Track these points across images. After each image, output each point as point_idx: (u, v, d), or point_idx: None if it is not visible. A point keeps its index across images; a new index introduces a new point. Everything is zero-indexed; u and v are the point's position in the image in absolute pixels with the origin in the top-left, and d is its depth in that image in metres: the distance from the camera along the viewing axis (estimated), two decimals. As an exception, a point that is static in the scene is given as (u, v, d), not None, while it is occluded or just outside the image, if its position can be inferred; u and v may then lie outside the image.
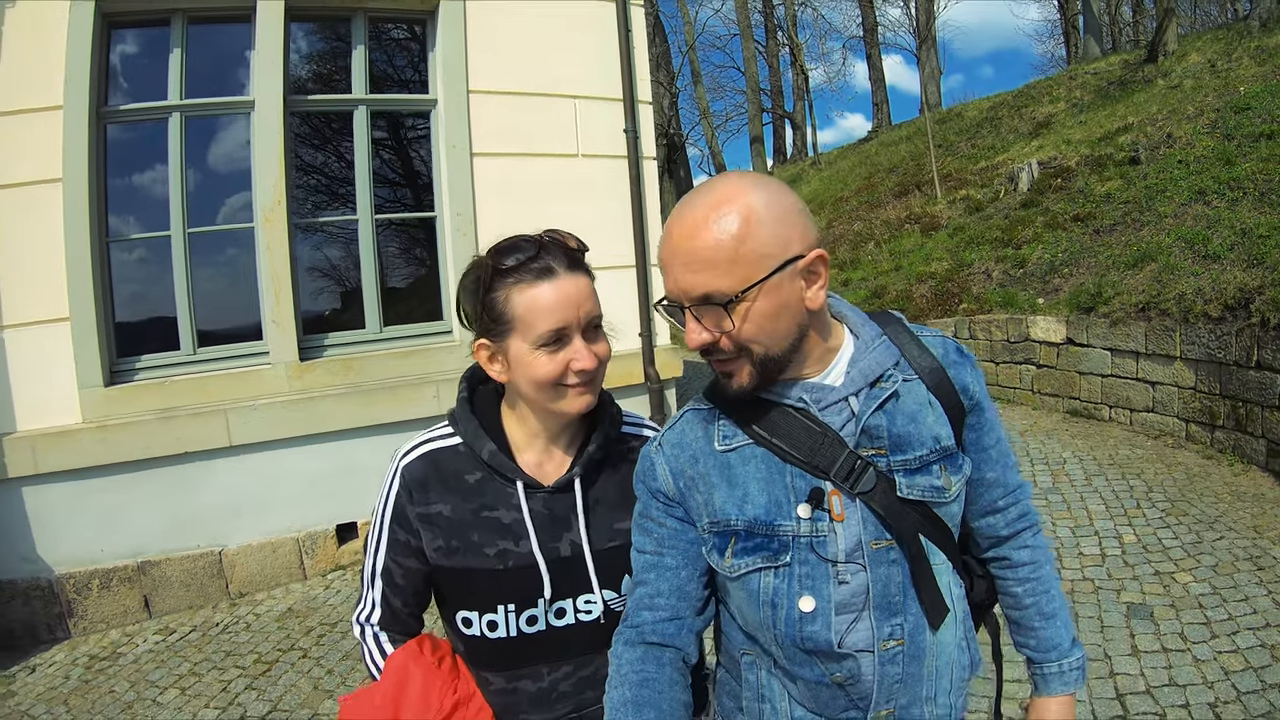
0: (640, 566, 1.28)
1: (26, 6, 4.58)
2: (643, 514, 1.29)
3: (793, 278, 1.10)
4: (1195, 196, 7.41)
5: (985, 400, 1.30)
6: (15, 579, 4.55)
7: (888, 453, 1.18)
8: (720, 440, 1.23)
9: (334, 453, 5.05)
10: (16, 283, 4.57)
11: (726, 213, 1.07)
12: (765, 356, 1.12)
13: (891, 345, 1.23)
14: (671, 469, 1.25)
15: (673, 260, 1.10)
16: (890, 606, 1.17)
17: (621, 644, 1.24)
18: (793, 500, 1.17)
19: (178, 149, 4.99)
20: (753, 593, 1.20)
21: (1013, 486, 1.35)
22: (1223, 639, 3.34)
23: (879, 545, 1.17)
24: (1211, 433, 5.70)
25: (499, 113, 5.45)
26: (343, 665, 3.97)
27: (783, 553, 1.17)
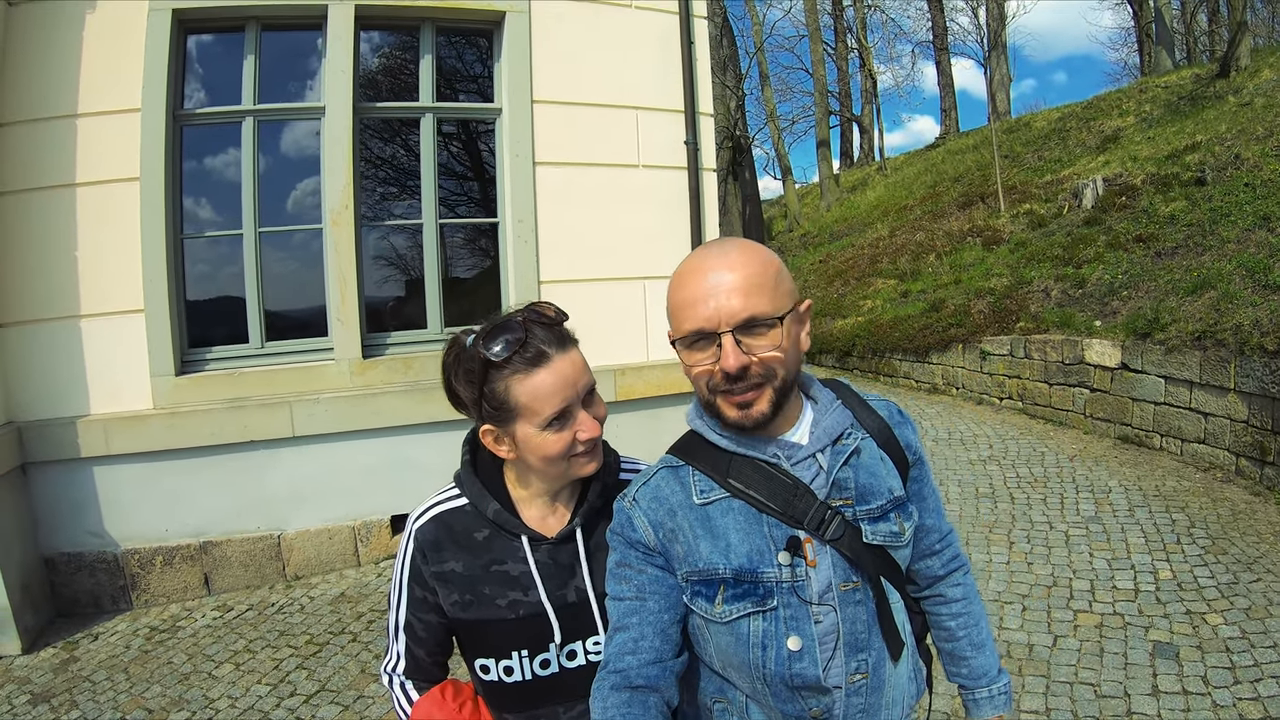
0: (621, 613, 1.32)
1: (105, 11, 4.84)
2: (621, 563, 1.34)
3: (798, 319, 1.25)
4: (1259, 222, 7.29)
5: (924, 454, 1.45)
6: (83, 551, 4.85)
7: (854, 503, 1.29)
8: (698, 494, 1.31)
9: (391, 447, 5.26)
10: (94, 275, 4.86)
11: (758, 253, 1.22)
12: (784, 384, 1.22)
13: (844, 408, 1.36)
14: (651, 521, 1.31)
15: (711, 291, 1.19)
16: (857, 643, 1.27)
17: (608, 689, 1.28)
18: (772, 548, 1.25)
19: (250, 151, 5.23)
20: (742, 636, 1.27)
21: (945, 531, 1.51)
22: (1245, 685, 3.35)
23: (847, 587, 1.27)
24: (1261, 469, 5.64)
25: (561, 122, 5.60)
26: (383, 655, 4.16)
27: (769, 598, 1.25)
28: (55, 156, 4.80)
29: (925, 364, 9.80)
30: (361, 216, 5.37)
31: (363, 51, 5.48)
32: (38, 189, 4.79)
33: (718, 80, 19.63)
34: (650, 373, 5.84)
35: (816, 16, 25.04)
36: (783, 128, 28.06)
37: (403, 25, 5.56)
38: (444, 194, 5.74)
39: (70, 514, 4.83)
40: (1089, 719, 3.21)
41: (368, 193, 5.55)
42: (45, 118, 4.79)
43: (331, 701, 3.76)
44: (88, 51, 4.84)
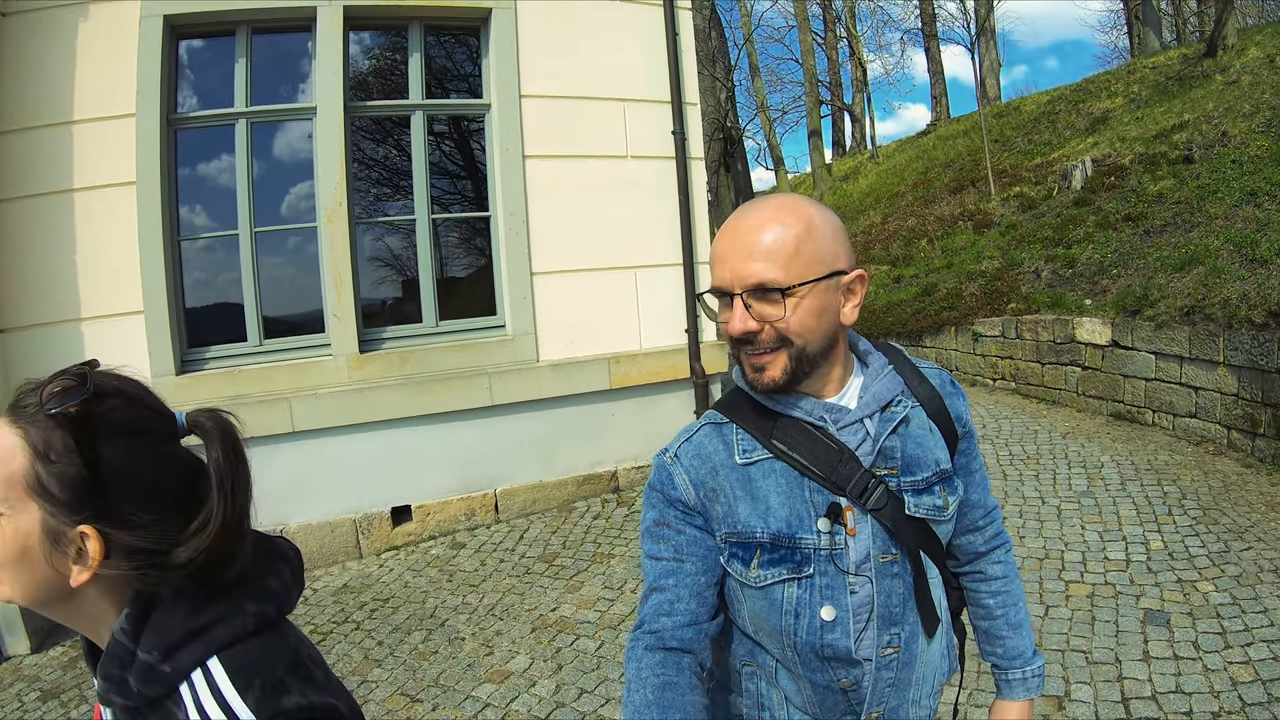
0: (658, 573, 1.31)
1: (97, 19, 4.91)
2: (659, 522, 1.33)
3: (835, 289, 1.21)
4: (1246, 198, 7.34)
5: (973, 428, 1.42)
6: None
7: (899, 473, 1.27)
8: (740, 454, 1.29)
9: (390, 440, 5.33)
10: (94, 278, 4.94)
11: (792, 217, 1.18)
12: (801, 352, 1.20)
13: (897, 374, 1.33)
14: (692, 479, 1.30)
15: (733, 250, 1.19)
16: (891, 616, 1.26)
17: (642, 649, 1.27)
18: (813, 514, 1.24)
19: (244, 152, 5.30)
20: (775, 602, 1.26)
21: (990, 507, 1.49)
22: (1236, 649, 3.41)
23: (885, 559, 1.25)
24: (1253, 440, 5.69)
25: (550, 116, 5.66)
26: (392, 637, 4.22)
27: (805, 565, 1.24)
28: (52, 163, 4.87)
29: (919, 347, 9.84)
30: (355, 214, 5.43)
31: (352, 52, 5.54)
32: (36, 195, 4.87)
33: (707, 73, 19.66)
34: (644, 360, 5.90)
35: (805, 6, 25.02)
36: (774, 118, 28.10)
37: (391, 25, 5.62)
38: (436, 190, 5.80)
39: None
40: (1080, 684, 3.27)
41: (361, 191, 5.60)
42: (41, 125, 4.87)
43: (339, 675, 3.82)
44: (81, 59, 4.91)
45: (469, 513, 5.56)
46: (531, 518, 5.68)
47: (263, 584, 0.98)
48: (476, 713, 3.47)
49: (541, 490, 5.75)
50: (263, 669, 0.90)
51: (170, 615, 0.89)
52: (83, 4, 4.90)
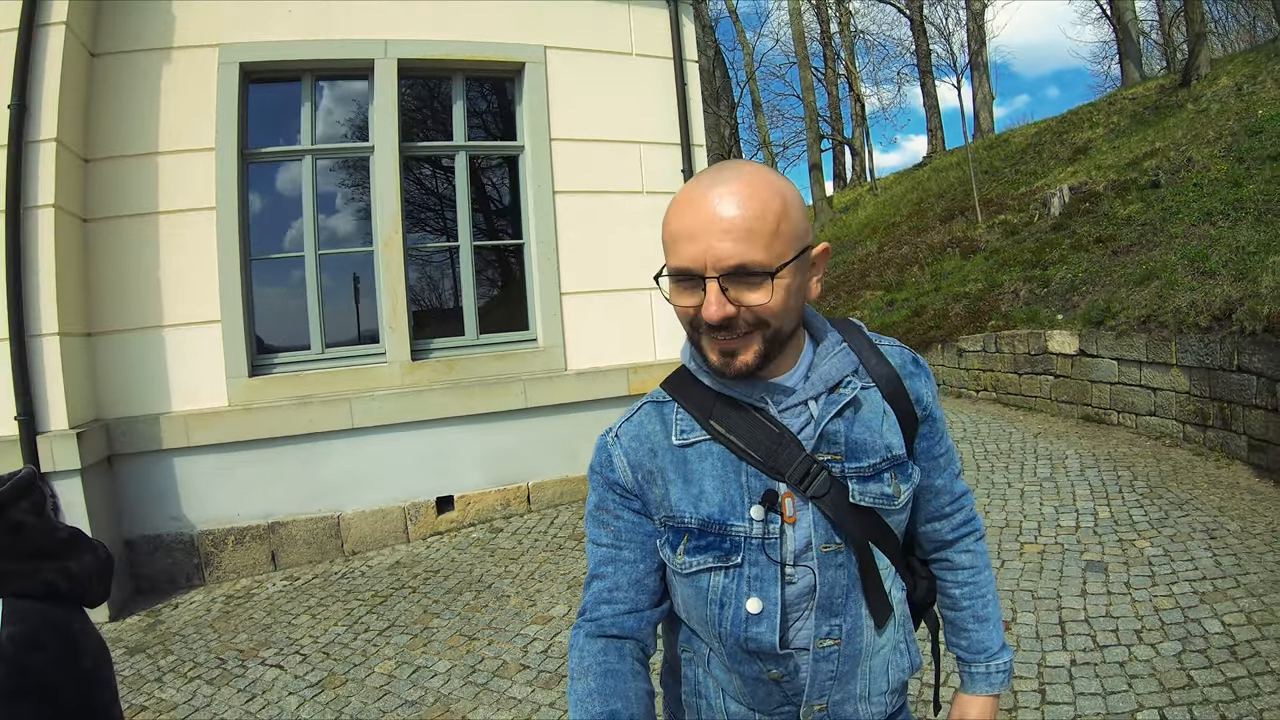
0: (598, 559, 1.29)
1: (179, 63, 5.69)
2: (599, 505, 1.31)
3: (806, 265, 1.15)
4: (1203, 217, 8.10)
5: (937, 410, 1.33)
6: (162, 534, 5.59)
7: (843, 459, 1.21)
8: (678, 434, 1.24)
9: (436, 437, 6.06)
10: (176, 291, 5.67)
11: (767, 190, 1.08)
12: (777, 334, 1.13)
13: (850, 353, 1.26)
14: (630, 461, 1.26)
15: (706, 228, 1.07)
16: (832, 607, 1.21)
17: (583, 636, 1.26)
18: (747, 501, 1.19)
19: (309, 184, 6.08)
20: (701, 590, 1.23)
21: (958, 493, 1.41)
22: (1161, 587, 4.10)
23: (828, 549, 1.20)
24: (1203, 432, 6.39)
25: (576, 156, 6.48)
26: (446, 597, 4.93)
27: (734, 553, 1.19)
28: (140, 188, 5.60)
29: (911, 364, 10.56)
30: (408, 241, 6.21)
31: (404, 98, 6.31)
32: (125, 216, 5.58)
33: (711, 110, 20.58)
34: (658, 369, 6.64)
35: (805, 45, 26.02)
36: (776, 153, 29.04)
37: (437, 75, 6.45)
38: (476, 220, 6.60)
39: (152, 500, 5.58)
40: (1025, 613, 3.96)
41: (411, 219, 6.40)
42: (129, 155, 5.60)
43: (401, 632, 4.52)
44: (165, 98, 5.67)
45: (504, 503, 6.28)
46: (559, 507, 6.39)
47: (63, 568, 1.27)
48: (526, 645, 4.19)
49: (568, 484, 6.47)
50: (30, 620, 1.18)
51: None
52: (166, 50, 5.69)
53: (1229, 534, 4.62)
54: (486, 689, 3.79)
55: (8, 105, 4.94)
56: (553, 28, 6.51)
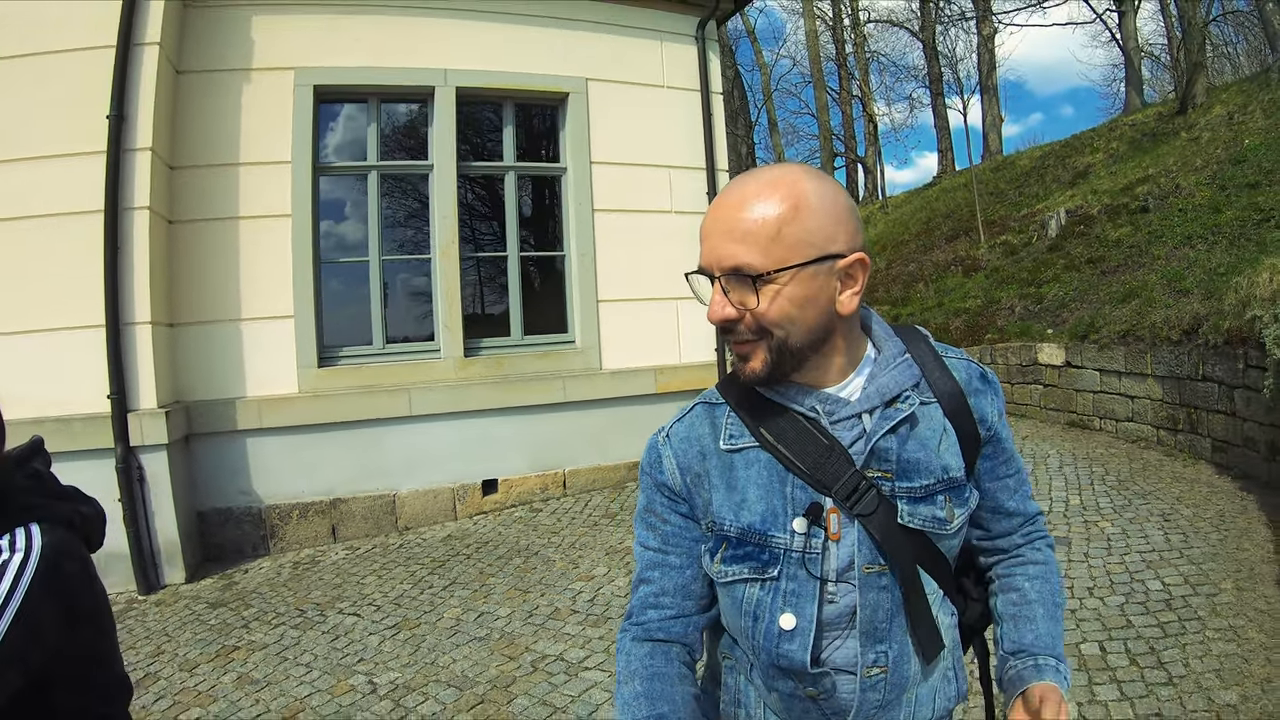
0: (645, 563, 1.28)
1: (257, 83, 6.39)
2: (648, 509, 1.29)
3: (829, 274, 1.09)
4: (1184, 241, 8.80)
5: (1003, 430, 1.29)
6: (232, 507, 6.26)
7: (894, 477, 1.16)
8: (726, 439, 1.22)
9: (484, 426, 6.78)
10: (253, 288, 6.35)
11: (778, 192, 1.07)
12: (783, 344, 1.11)
13: (913, 365, 1.22)
14: (679, 463, 1.24)
15: (713, 229, 1.10)
16: (876, 632, 1.17)
17: (629, 640, 1.25)
18: (790, 512, 1.15)
19: (375, 197, 6.82)
20: (736, 600, 1.21)
21: (1031, 514, 1.36)
22: (1115, 557, 4.79)
23: (871, 570, 1.16)
24: (1174, 435, 7.06)
25: (613, 178, 7.23)
26: (498, 562, 5.64)
27: (771, 565, 1.16)
28: (221, 195, 6.27)
29: (914, 373, 11.26)
30: (463, 250, 6.95)
31: (460, 121, 7.05)
32: (207, 220, 6.23)
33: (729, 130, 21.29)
34: (683, 371, 7.37)
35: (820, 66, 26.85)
36: (790, 170, 29.73)
37: (491, 101, 7.22)
38: (523, 233, 7.36)
39: (224, 476, 6.25)
40: (998, 576, 4.66)
41: (465, 230, 7.13)
42: (213, 164, 6.26)
43: (462, 588, 5.23)
44: (245, 114, 6.35)
45: (543, 487, 7.01)
46: (592, 492, 7.11)
47: (77, 508, 1.45)
48: (574, 596, 4.92)
49: (600, 472, 7.19)
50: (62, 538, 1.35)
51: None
52: (245, 70, 6.39)
53: (1182, 518, 5.31)
54: (544, 628, 4.52)
55: (107, 116, 5.59)
56: (593, 61, 7.28)
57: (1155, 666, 3.53)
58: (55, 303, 5.64)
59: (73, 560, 1.36)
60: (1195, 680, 3.38)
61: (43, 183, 5.63)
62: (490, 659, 4.21)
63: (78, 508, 1.45)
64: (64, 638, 1.32)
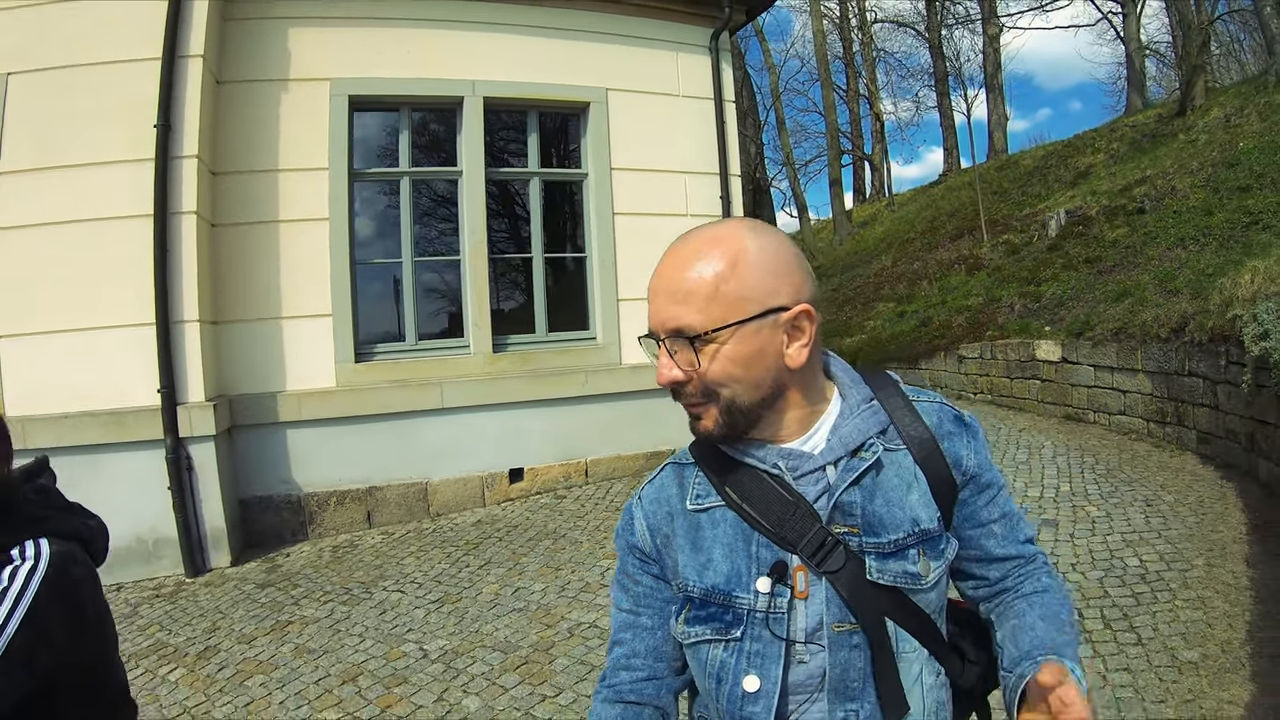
0: (618, 625, 1.27)
1: (294, 93, 6.78)
2: (621, 570, 1.29)
3: (773, 329, 1.09)
4: (1177, 243, 9.20)
5: (985, 473, 1.24)
6: (273, 494, 6.66)
7: (860, 532, 1.13)
8: (693, 499, 1.21)
9: (510, 418, 7.20)
10: (293, 288, 6.74)
11: (716, 251, 1.08)
12: (732, 404, 1.10)
13: (880, 410, 1.19)
14: (649, 524, 1.24)
15: (657, 290, 1.11)
16: (847, 691, 1.13)
17: (600, 702, 1.24)
18: (754, 572, 1.14)
19: (407, 201, 7.24)
20: (701, 662, 1.19)
21: (1028, 556, 1.29)
22: (1099, 537, 5.21)
23: (841, 629, 1.12)
24: (1163, 427, 7.46)
25: (631, 183, 7.64)
26: (529, 544, 6.08)
27: (735, 626, 1.14)
28: (262, 199, 6.65)
29: (915, 369, 11.68)
30: (490, 252, 7.38)
31: (487, 129, 7.46)
32: (249, 223, 6.61)
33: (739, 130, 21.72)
34: (697, 365, 7.79)
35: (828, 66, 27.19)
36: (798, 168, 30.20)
37: (516, 110, 7.63)
38: (546, 235, 7.78)
39: (265, 465, 6.65)
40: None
41: (492, 232, 7.55)
42: (255, 170, 6.64)
43: (497, 566, 5.67)
44: (283, 122, 6.73)
45: (566, 476, 7.44)
46: (612, 480, 7.55)
47: (84, 521, 1.52)
48: (603, 571, 5.36)
49: (620, 461, 7.62)
50: (70, 549, 1.42)
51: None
52: (283, 81, 6.79)
53: (1163, 503, 5.72)
54: (577, 600, 4.96)
55: (154, 125, 5.99)
56: (612, 72, 7.69)
57: (1127, 630, 3.95)
58: (108, 302, 6.03)
59: (80, 568, 1.44)
60: (1162, 642, 3.81)
61: (96, 187, 6.02)
62: (530, 627, 4.65)
63: (85, 521, 1.53)
64: (71, 643, 1.39)
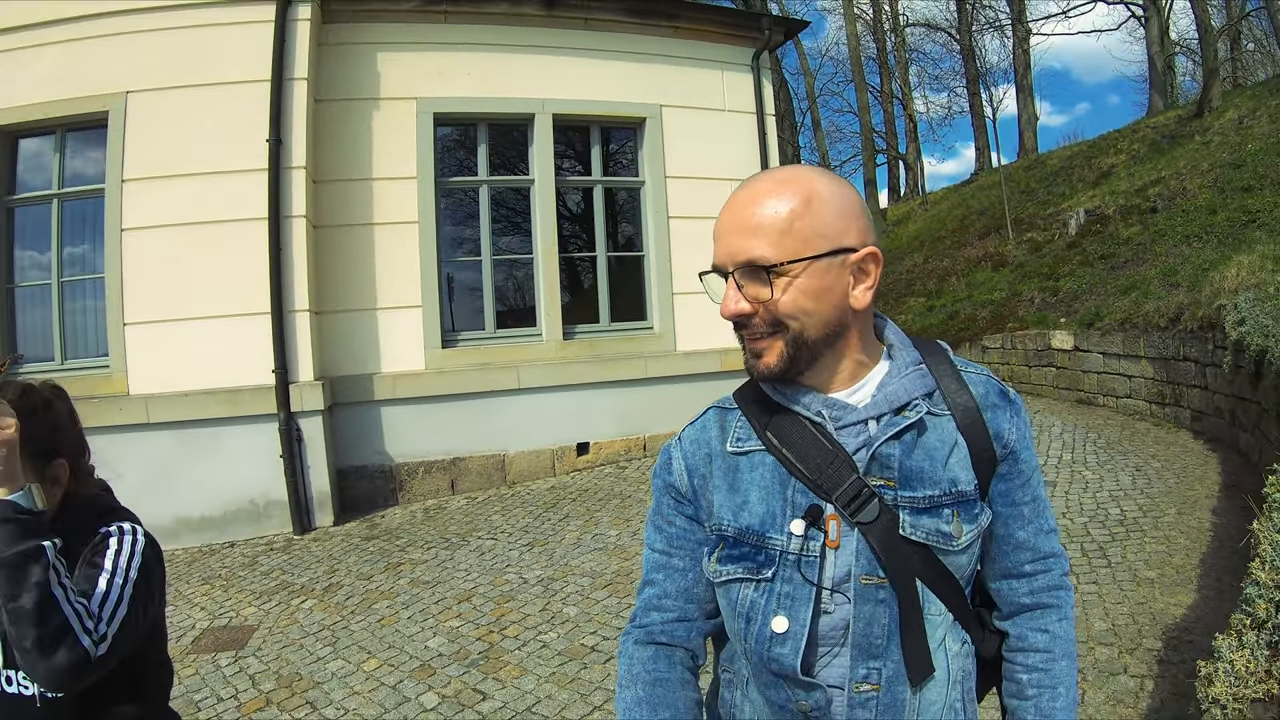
0: (650, 565, 1.29)
1: (385, 110, 7.79)
2: (656, 511, 1.31)
3: (842, 268, 1.10)
4: (1183, 240, 9.98)
5: (1023, 451, 1.24)
6: (367, 464, 7.65)
7: (896, 486, 1.14)
8: (734, 442, 1.23)
9: (578, 399, 8.19)
10: (387, 282, 7.76)
11: (790, 189, 1.10)
12: (799, 336, 1.11)
13: (928, 374, 1.20)
14: (688, 465, 1.26)
15: (727, 226, 1.12)
16: (870, 648, 1.13)
17: (631, 643, 1.26)
18: (789, 514, 1.15)
19: (486, 206, 8.25)
20: (731, 602, 1.20)
21: (1044, 553, 1.26)
22: (1089, 493, 6.07)
23: (869, 581, 1.13)
24: (1162, 408, 8.28)
25: (684, 189, 8.61)
26: (599, 503, 7.04)
27: (767, 566, 1.16)
28: (359, 204, 7.67)
29: (944, 359, 12.51)
30: (560, 250, 8.37)
31: (556, 142, 8.46)
32: (347, 225, 7.65)
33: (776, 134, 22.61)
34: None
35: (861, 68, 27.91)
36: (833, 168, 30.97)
37: (580, 125, 8.64)
38: (609, 236, 8.78)
39: (362, 439, 7.64)
40: (997, 507, 5.97)
41: (561, 233, 8.54)
42: (350, 179, 7.66)
43: (574, 520, 6.63)
44: (376, 136, 7.77)
45: (627, 450, 8.42)
46: (666, 453, 8.49)
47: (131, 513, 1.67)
48: (665, 522, 6.30)
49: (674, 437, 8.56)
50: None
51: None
52: (375, 99, 7.81)
53: (1151, 469, 6.58)
54: (645, 541, 5.92)
55: (266, 139, 6.96)
56: (666, 90, 8.65)
57: (1100, 557, 4.86)
58: (231, 293, 7.00)
59: (156, 546, 1.62)
60: (1129, 566, 4.70)
61: (219, 194, 6.97)
62: (610, 561, 5.63)
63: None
64: (160, 601, 1.61)
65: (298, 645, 4.72)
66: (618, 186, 8.91)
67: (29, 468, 1.45)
